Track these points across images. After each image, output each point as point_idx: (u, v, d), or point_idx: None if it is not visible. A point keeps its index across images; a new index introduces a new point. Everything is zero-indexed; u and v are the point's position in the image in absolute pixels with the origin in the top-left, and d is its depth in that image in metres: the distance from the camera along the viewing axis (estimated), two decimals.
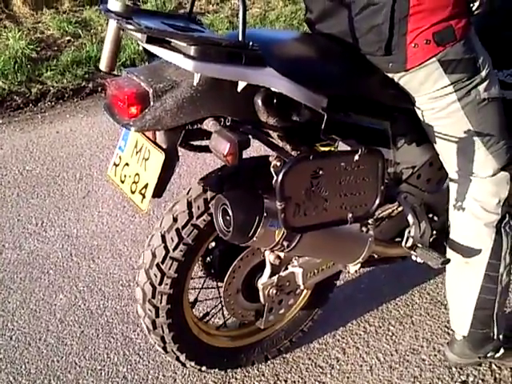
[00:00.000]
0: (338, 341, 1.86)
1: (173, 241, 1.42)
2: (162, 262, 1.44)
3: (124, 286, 2.11)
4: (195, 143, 1.43)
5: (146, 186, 1.30)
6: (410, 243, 1.53)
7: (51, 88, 3.81)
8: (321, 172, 1.11)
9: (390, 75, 1.37)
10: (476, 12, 1.41)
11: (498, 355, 1.66)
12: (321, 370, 1.76)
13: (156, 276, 1.45)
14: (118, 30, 1.19)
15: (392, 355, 1.81)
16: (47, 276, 2.16)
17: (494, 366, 1.75)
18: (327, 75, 1.32)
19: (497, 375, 1.72)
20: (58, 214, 2.53)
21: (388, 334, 1.89)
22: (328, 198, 1.14)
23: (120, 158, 1.42)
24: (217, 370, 1.72)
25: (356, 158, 1.12)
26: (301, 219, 1.12)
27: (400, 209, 1.55)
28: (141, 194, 1.32)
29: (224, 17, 5.22)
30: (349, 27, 1.34)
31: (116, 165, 1.43)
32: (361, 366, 1.78)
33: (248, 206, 1.20)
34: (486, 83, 1.35)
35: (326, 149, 1.33)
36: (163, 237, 1.43)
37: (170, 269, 1.44)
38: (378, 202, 1.19)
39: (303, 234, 1.23)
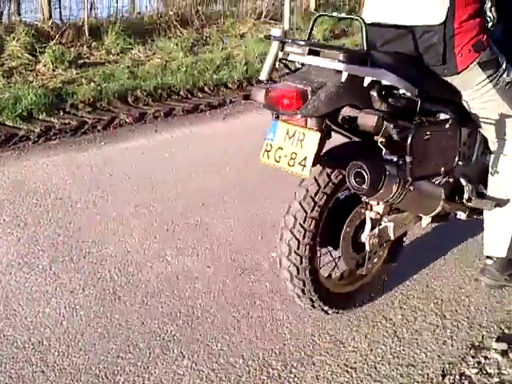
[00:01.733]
0: None
1: (309, 205, 1.90)
2: (304, 222, 1.91)
3: (19, 348, 2.00)
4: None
5: (304, 159, 1.80)
6: (466, 197, 2.12)
7: None
8: (430, 134, 1.74)
9: (446, 79, 1.96)
10: (491, 28, 2.02)
11: None
12: None
13: (300, 232, 1.92)
14: (277, 50, 1.84)
15: None
16: None
17: None
18: (414, 75, 1.88)
19: None
20: None
21: (290, 376, 1.92)
22: (432, 155, 1.78)
23: (271, 145, 1.90)
24: (334, 309, 2.13)
25: (449, 124, 1.80)
26: (418, 170, 1.74)
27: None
28: (301, 165, 1.80)
29: (124, 67, 5.25)
30: (414, 47, 1.93)
31: (268, 151, 1.90)
32: None
33: (376, 169, 1.71)
34: (506, 72, 1.98)
35: None
36: (301, 204, 1.91)
37: (310, 225, 1.92)
38: (457, 159, 1.85)
39: (409, 188, 1.79)
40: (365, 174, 1.68)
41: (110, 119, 4.27)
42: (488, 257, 2.21)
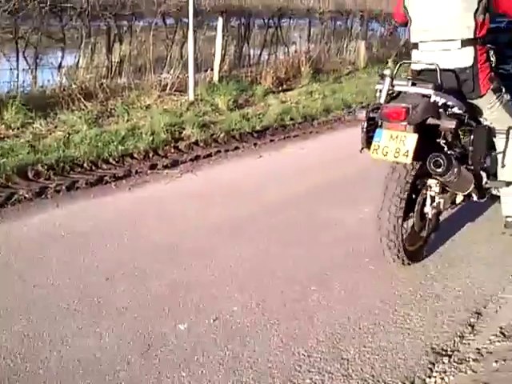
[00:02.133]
0: None
1: (400, 192, 2.91)
2: (398, 203, 2.92)
3: None
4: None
5: (407, 151, 2.75)
6: (485, 181, 3.25)
7: None
8: (479, 135, 2.93)
9: (472, 101, 3.06)
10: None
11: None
12: None
13: (395, 209, 2.91)
14: (390, 84, 2.87)
15: None
16: None
17: None
18: (459, 99, 2.96)
19: None
20: None
21: None
22: (479, 149, 2.96)
23: (378, 145, 2.85)
24: (408, 260, 3.12)
25: (485, 129, 3.04)
26: (474, 158, 2.96)
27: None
28: (404, 155, 2.76)
29: (25, 141, 5.12)
30: (456, 82, 2.99)
31: (376, 149, 2.86)
32: None
33: (448, 158, 2.79)
34: (505, 94, 3.12)
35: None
36: (393, 193, 2.90)
37: (400, 204, 2.92)
38: (486, 153, 3.05)
39: (461, 171, 2.93)
40: (441, 161, 2.77)
41: (8, 195, 4.09)
42: (507, 216, 3.30)
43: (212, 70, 8.28)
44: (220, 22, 8.32)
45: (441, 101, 2.85)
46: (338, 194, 4.35)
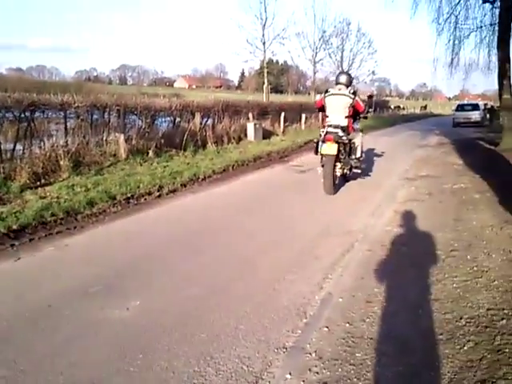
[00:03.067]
0: None
1: (330, 165, 8.29)
2: (330, 169, 8.34)
3: None
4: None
5: (334, 150, 8.26)
6: (353, 163, 9.07)
7: None
8: (353, 145, 9.09)
9: (348, 136, 8.68)
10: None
11: (358, 164, 9.22)
12: None
13: (330, 171, 8.30)
14: (327, 129, 8.68)
15: None
16: None
17: None
18: (346, 134, 8.72)
19: None
20: None
21: None
22: (353, 151, 9.18)
23: (323, 149, 8.27)
24: (334, 193, 8.53)
25: (353, 144, 9.21)
26: (351, 154, 9.03)
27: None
28: (333, 151, 8.24)
29: None
30: (343, 130, 8.53)
31: (324, 150, 8.27)
32: None
33: (346, 153, 8.80)
34: (356, 134, 9.09)
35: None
36: (330, 160, 8.27)
37: (332, 164, 8.33)
38: (353, 152, 9.13)
39: (348, 158, 9.11)
40: (344, 153, 8.53)
41: None
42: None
43: None
44: None
45: (341, 134, 8.14)
46: (105, 290, 4.23)
